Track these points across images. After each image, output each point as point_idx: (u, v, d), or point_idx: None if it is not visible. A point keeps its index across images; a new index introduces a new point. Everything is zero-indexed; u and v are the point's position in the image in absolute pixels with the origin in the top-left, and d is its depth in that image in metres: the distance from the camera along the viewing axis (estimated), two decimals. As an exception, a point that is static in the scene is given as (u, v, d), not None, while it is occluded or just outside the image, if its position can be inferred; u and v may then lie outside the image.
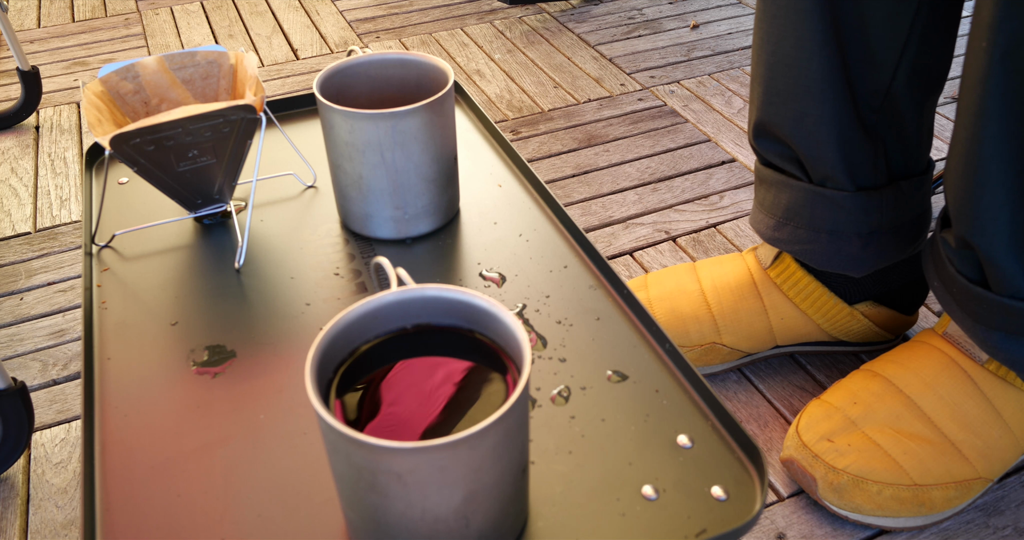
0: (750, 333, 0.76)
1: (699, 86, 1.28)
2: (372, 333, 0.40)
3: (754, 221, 0.76)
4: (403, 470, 0.33)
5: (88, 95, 0.58)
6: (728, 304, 0.76)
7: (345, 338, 0.39)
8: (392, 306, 0.40)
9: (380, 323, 0.40)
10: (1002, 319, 0.58)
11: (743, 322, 0.76)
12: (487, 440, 0.33)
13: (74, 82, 1.35)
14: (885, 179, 0.68)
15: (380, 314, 0.40)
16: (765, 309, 0.75)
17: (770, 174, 0.73)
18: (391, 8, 1.59)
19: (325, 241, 0.61)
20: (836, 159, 0.66)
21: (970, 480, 0.63)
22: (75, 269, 0.95)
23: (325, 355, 0.37)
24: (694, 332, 0.76)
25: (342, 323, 0.38)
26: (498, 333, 0.39)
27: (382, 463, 0.33)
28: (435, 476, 0.33)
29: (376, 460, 0.33)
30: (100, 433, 0.46)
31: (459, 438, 0.32)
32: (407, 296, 0.40)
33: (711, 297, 0.76)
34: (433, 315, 0.41)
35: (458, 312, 0.40)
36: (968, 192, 0.55)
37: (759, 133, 0.71)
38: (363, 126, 0.54)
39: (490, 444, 0.34)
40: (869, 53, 0.61)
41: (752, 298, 0.76)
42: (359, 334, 0.40)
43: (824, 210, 0.69)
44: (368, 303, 0.39)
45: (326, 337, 0.37)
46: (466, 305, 0.40)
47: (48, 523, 0.68)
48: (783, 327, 0.76)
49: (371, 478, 0.34)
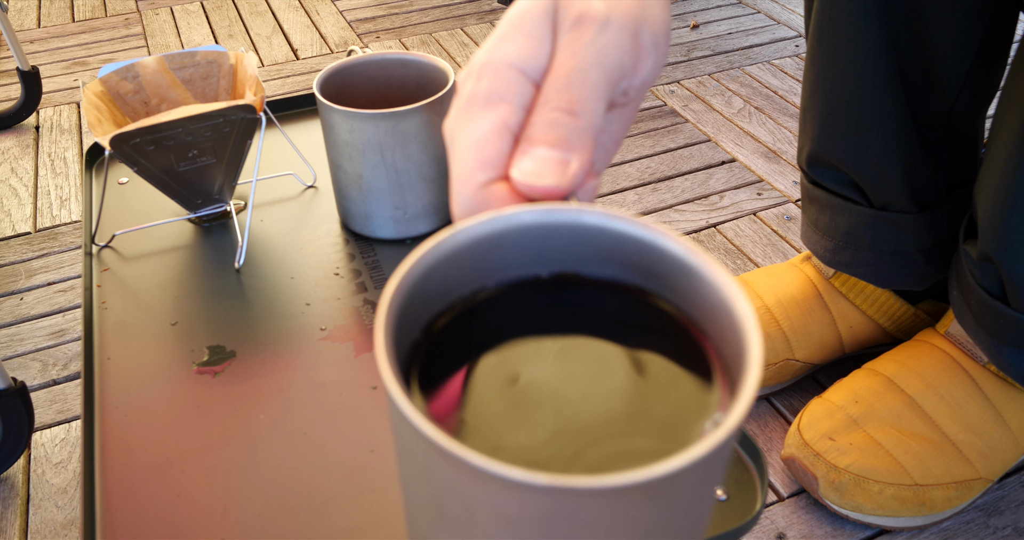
0: (821, 345, 0.74)
1: (699, 86, 1.28)
2: (483, 279, 0.26)
3: (809, 241, 0.74)
4: (522, 517, 0.19)
5: (88, 95, 0.58)
6: (797, 319, 0.74)
7: (441, 281, 0.25)
8: (523, 233, 0.25)
9: (500, 263, 0.26)
10: (1017, 335, 0.57)
11: (814, 335, 0.74)
12: (677, 488, 0.19)
13: (74, 82, 1.35)
14: (944, 193, 0.67)
15: (505, 244, 0.26)
16: (834, 319, 0.74)
17: (823, 196, 0.70)
18: (391, 8, 1.59)
19: (325, 241, 0.61)
20: (899, 185, 0.64)
21: (971, 480, 0.63)
22: (75, 269, 0.95)
23: (407, 306, 0.23)
24: (767, 351, 0.74)
25: (437, 254, 0.24)
26: (701, 304, 0.25)
27: (489, 499, 0.19)
28: (573, 534, 0.19)
29: (480, 492, 0.19)
30: (100, 433, 0.46)
31: (632, 481, 0.18)
32: (551, 219, 0.25)
33: (778, 313, 0.75)
34: (586, 259, 0.26)
35: (631, 258, 0.26)
36: (999, 210, 0.54)
37: (813, 162, 0.69)
38: (363, 126, 0.54)
39: (679, 495, 0.20)
40: (933, 81, 0.60)
41: (820, 310, 0.75)
42: (463, 278, 0.26)
43: (887, 233, 0.68)
44: (485, 222, 0.25)
45: (410, 277, 0.23)
46: (650, 247, 0.25)
47: (48, 523, 0.68)
48: (851, 335, 0.75)
49: (463, 515, 0.21)
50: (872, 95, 0.61)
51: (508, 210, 0.25)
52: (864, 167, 0.65)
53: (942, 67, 0.59)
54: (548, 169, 0.25)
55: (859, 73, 0.60)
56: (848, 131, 0.64)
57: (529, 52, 0.26)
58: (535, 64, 0.26)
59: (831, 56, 0.62)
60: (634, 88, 0.28)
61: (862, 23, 0.58)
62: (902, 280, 0.70)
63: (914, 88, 0.60)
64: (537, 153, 0.25)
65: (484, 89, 0.26)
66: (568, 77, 0.26)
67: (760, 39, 1.41)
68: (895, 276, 0.70)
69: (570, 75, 0.26)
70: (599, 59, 0.26)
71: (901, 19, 0.57)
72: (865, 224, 0.68)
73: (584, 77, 0.26)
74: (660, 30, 0.28)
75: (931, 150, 0.64)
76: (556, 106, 0.25)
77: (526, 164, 0.25)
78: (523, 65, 0.26)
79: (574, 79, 0.26)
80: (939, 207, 0.67)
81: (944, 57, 0.58)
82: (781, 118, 1.19)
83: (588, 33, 0.26)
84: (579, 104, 0.25)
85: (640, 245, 0.25)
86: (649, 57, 0.28)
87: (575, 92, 0.25)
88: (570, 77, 0.26)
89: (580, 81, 0.26)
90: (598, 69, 0.26)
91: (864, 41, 0.59)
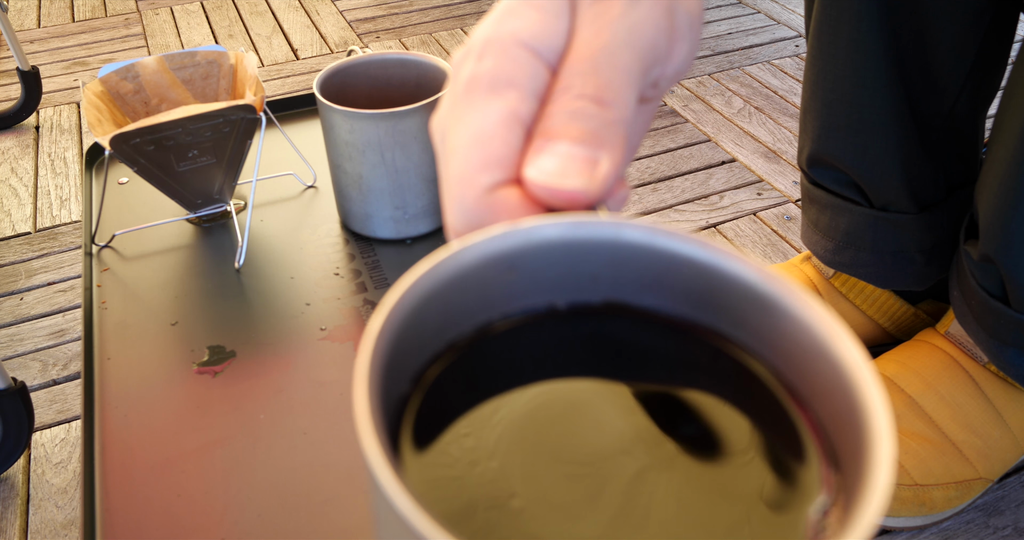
0: None
1: (699, 86, 1.28)
2: (489, 312, 0.20)
3: (809, 242, 0.74)
4: None
5: (88, 95, 0.58)
6: None
7: (439, 315, 0.19)
8: (545, 252, 0.20)
9: (512, 291, 0.20)
10: (1017, 336, 0.57)
11: None
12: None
13: (74, 82, 1.35)
14: (944, 193, 0.67)
15: (520, 266, 0.20)
16: None
17: (823, 196, 0.70)
18: (391, 8, 1.59)
19: (325, 241, 0.61)
20: (900, 185, 0.64)
21: (971, 480, 0.63)
22: (75, 269, 0.95)
23: (396, 349, 0.18)
24: None
25: (434, 280, 0.19)
26: (779, 344, 0.19)
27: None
28: None
29: None
30: (100, 433, 0.46)
31: None
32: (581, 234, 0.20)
33: None
34: (624, 286, 0.21)
35: (683, 285, 0.20)
36: (1000, 211, 0.54)
37: (814, 163, 0.69)
38: (363, 126, 0.54)
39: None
40: (933, 81, 0.60)
41: None
42: (465, 311, 0.20)
43: (887, 233, 0.67)
44: (497, 239, 0.19)
45: (400, 311, 0.18)
46: (710, 272, 0.19)
47: (48, 523, 0.68)
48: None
49: None
50: (872, 95, 0.61)
51: (525, 222, 0.19)
52: (864, 167, 0.65)
53: (943, 68, 0.59)
54: (573, 168, 0.20)
55: (859, 74, 0.60)
56: (848, 131, 0.64)
57: (542, 28, 0.21)
58: (550, 43, 0.21)
59: (831, 56, 0.62)
60: (666, 78, 0.23)
61: (863, 24, 0.58)
62: (902, 280, 0.70)
63: (915, 89, 0.60)
64: (559, 149, 0.20)
65: (488, 71, 0.21)
66: (594, 59, 0.21)
67: (760, 39, 1.41)
68: (895, 276, 0.70)
69: (596, 57, 0.21)
70: (630, 38, 0.21)
71: (902, 20, 0.57)
72: (865, 224, 0.68)
73: (614, 60, 0.21)
74: (695, 10, 0.24)
75: (931, 150, 0.64)
76: (581, 93, 0.20)
77: (546, 162, 0.20)
78: (535, 43, 0.21)
79: (601, 62, 0.21)
80: (939, 207, 0.67)
81: (945, 58, 0.58)
82: (781, 118, 1.19)
83: (616, 7, 0.22)
84: (608, 92, 0.21)
85: (696, 268, 0.19)
86: (685, 40, 0.23)
87: (603, 77, 0.21)
88: (596, 59, 0.21)
89: (609, 64, 0.21)
90: (630, 50, 0.21)
91: (864, 41, 0.58)
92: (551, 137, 0.20)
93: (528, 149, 0.21)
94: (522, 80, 0.21)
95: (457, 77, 0.22)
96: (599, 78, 0.21)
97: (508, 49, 0.21)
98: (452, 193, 0.21)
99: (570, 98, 0.20)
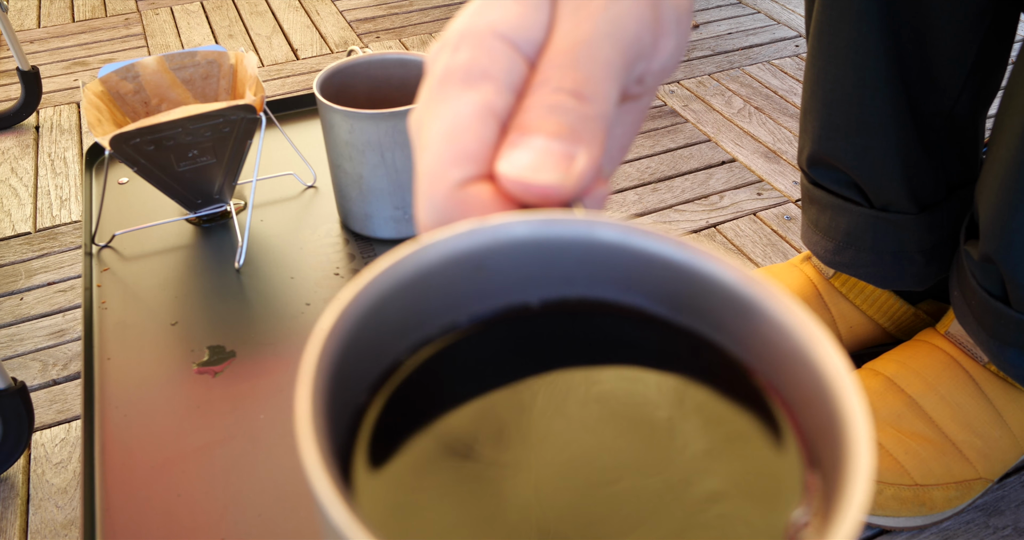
0: None
1: (699, 86, 1.28)
2: (455, 313, 0.19)
3: (809, 242, 0.74)
4: None
5: (88, 95, 0.58)
6: None
7: (399, 317, 0.18)
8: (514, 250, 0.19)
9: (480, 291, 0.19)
10: (1018, 336, 0.57)
11: None
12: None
13: (74, 82, 1.35)
14: (944, 193, 0.67)
15: (489, 265, 0.19)
16: (834, 319, 0.74)
17: (823, 196, 0.70)
18: (391, 8, 1.59)
19: (325, 241, 0.61)
20: (900, 185, 0.64)
21: (971, 480, 0.63)
22: (75, 269, 0.95)
23: (350, 354, 0.16)
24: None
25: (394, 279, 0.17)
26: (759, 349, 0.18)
27: None
28: None
29: None
30: (100, 433, 0.46)
31: None
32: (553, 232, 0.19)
33: None
34: (597, 286, 0.20)
35: (660, 286, 0.19)
36: (1001, 211, 0.54)
37: (814, 163, 0.69)
38: (363, 126, 0.54)
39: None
40: (934, 81, 0.60)
41: (820, 310, 0.74)
42: (429, 312, 0.19)
43: (887, 233, 0.67)
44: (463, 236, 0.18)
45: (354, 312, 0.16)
46: (688, 273, 0.19)
47: (48, 523, 0.68)
48: (852, 335, 0.75)
49: None
50: (873, 95, 0.61)
51: (494, 219, 0.18)
52: (865, 168, 0.65)
53: (943, 68, 0.59)
54: (548, 163, 0.19)
55: (860, 74, 0.60)
56: (849, 132, 0.64)
57: (521, 20, 0.21)
58: (528, 35, 0.21)
59: (832, 56, 0.62)
60: (651, 74, 0.23)
61: (863, 24, 0.58)
62: (902, 280, 0.70)
63: (915, 88, 0.60)
64: (534, 143, 0.19)
65: (462, 63, 0.20)
66: (573, 52, 0.20)
67: (760, 39, 1.41)
68: (895, 276, 0.70)
69: (575, 49, 0.20)
70: (612, 30, 0.21)
71: (902, 20, 0.57)
72: (865, 225, 0.68)
73: (594, 53, 0.20)
74: (683, 4, 0.23)
75: (932, 150, 0.64)
76: (558, 87, 0.20)
77: (519, 156, 0.19)
78: (513, 35, 0.20)
79: (581, 55, 0.20)
80: (940, 208, 0.67)
81: (945, 58, 0.58)
82: (781, 118, 1.19)
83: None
84: (587, 85, 0.20)
85: (673, 269, 0.18)
86: (671, 35, 0.22)
87: (582, 71, 0.20)
88: (576, 52, 0.20)
89: (589, 57, 0.20)
90: (611, 43, 0.21)
91: (865, 42, 0.58)
92: (526, 131, 0.20)
93: (502, 143, 0.20)
94: (498, 73, 0.20)
95: (432, 70, 0.21)
96: (578, 72, 0.20)
97: (484, 41, 0.20)
98: (422, 188, 0.20)
99: (548, 92, 0.20)
